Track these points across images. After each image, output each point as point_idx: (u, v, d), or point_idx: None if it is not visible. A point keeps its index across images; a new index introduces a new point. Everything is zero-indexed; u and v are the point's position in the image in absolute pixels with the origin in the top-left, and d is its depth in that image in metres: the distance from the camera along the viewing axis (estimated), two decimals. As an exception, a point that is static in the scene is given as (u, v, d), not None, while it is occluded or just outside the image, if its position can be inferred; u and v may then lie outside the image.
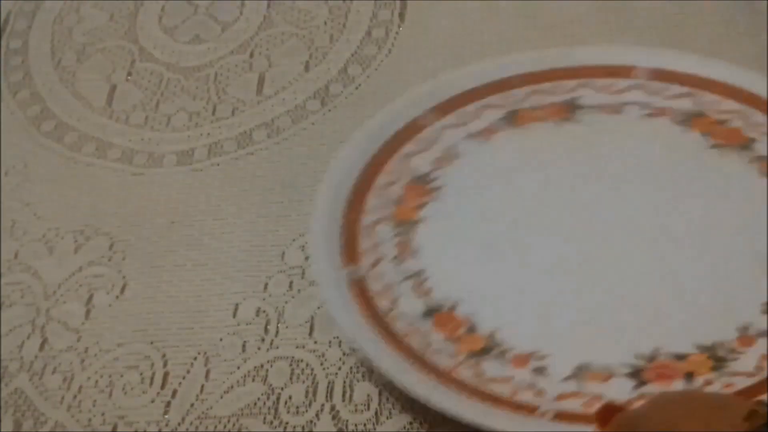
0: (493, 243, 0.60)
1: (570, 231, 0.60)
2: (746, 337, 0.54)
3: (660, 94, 0.65)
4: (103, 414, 0.56)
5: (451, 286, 0.58)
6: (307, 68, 0.72)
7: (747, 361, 0.53)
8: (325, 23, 0.75)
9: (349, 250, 0.59)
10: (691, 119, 0.64)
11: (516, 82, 0.67)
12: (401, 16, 0.74)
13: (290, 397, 0.56)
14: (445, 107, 0.66)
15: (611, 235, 0.59)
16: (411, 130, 0.65)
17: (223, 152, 0.68)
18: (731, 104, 0.64)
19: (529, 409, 0.52)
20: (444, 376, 0.53)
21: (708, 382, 0.52)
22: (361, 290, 0.57)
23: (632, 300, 0.56)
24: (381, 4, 0.75)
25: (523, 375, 0.54)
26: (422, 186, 0.63)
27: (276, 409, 0.55)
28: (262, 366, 0.57)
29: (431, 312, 0.57)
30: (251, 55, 0.74)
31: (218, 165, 0.67)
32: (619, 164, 0.63)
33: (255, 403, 0.56)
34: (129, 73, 0.74)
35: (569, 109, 0.66)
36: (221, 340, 0.58)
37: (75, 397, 0.57)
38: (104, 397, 0.57)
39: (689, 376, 0.53)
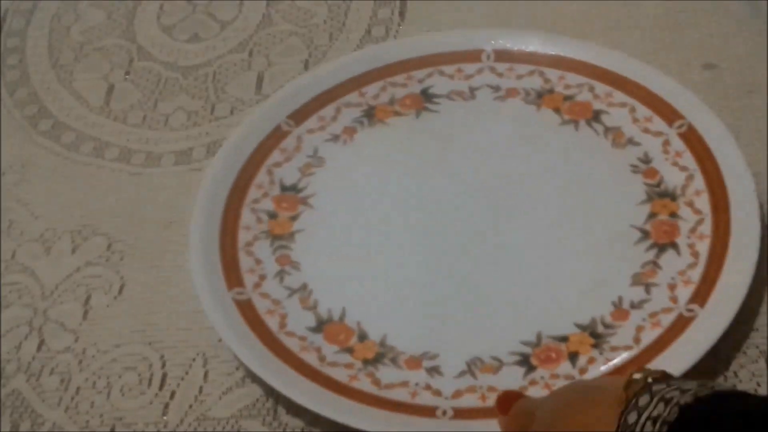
0: (368, 246, 0.60)
1: (440, 225, 0.61)
2: (620, 311, 0.55)
3: (508, 74, 0.66)
4: (101, 415, 0.56)
5: (336, 296, 0.58)
6: (306, 67, 0.72)
7: (624, 335, 0.54)
8: (325, 22, 0.74)
9: (231, 273, 0.58)
10: (541, 97, 0.65)
11: (369, 78, 0.67)
12: (401, 14, 0.74)
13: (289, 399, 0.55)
14: (303, 112, 0.66)
15: (483, 224, 0.60)
16: (272, 140, 0.65)
17: (222, 152, 0.68)
18: (576, 78, 0.65)
19: (428, 411, 0.52)
20: (342, 390, 0.53)
21: (591, 361, 0.53)
22: (249, 312, 0.57)
23: (511, 287, 0.57)
24: (381, 3, 0.74)
25: (418, 377, 0.54)
26: (293, 196, 0.63)
27: (275, 411, 0.55)
28: (261, 367, 0.57)
29: (321, 324, 0.57)
30: (250, 54, 0.73)
31: (217, 164, 0.67)
32: (479, 150, 0.64)
33: (254, 405, 0.55)
34: (127, 72, 0.74)
35: (424, 99, 0.66)
36: (220, 341, 0.58)
37: (73, 398, 0.57)
38: (102, 398, 0.57)
39: (573, 356, 0.54)
